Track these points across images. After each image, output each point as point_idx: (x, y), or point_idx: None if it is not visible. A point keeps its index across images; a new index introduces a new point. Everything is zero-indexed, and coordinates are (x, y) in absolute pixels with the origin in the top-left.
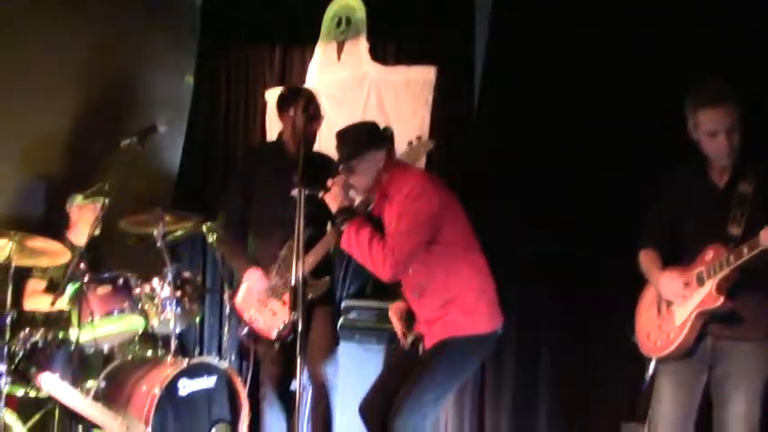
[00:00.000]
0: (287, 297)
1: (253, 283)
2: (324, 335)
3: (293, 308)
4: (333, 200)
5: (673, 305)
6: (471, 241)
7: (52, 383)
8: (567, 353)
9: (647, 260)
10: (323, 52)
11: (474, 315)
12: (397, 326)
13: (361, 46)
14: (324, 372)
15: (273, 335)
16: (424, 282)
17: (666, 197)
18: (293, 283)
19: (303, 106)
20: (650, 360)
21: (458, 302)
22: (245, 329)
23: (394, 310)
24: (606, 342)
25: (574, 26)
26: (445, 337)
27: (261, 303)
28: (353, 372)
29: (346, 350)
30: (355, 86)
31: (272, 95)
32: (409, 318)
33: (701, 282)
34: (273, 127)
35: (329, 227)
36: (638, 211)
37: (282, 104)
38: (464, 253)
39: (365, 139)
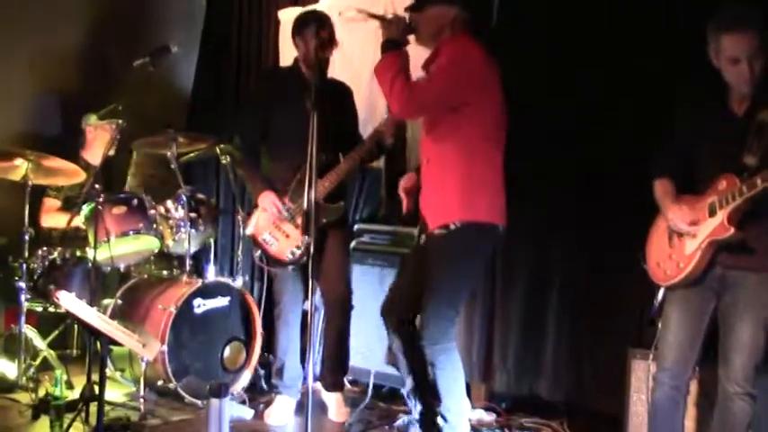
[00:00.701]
0: (300, 220)
1: (267, 205)
2: (336, 257)
3: (306, 231)
4: (387, 28)
5: (684, 235)
6: (495, 133)
7: (69, 301)
8: (577, 278)
9: (661, 190)
10: None
11: (473, 202)
12: (403, 197)
13: None
14: (336, 291)
15: (287, 257)
16: (437, 150)
17: (683, 124)
18: (306, 206)
19: (315, 31)
20: (659, 288)
21: (456, 184)
22: (259, 252)
23: (403, 181)
24: (616, 268)
25: None
26: (442, 227)
27: (274, 226)
28: (366, 294)
29: (359, 273)
30: (370, 6)
31: (286, 15)
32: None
33: (712, 212)
34: (286, 47)
35: (341, 158)
36: (653, 136)
37: (295, 29)
38: (483, 140)
39: None
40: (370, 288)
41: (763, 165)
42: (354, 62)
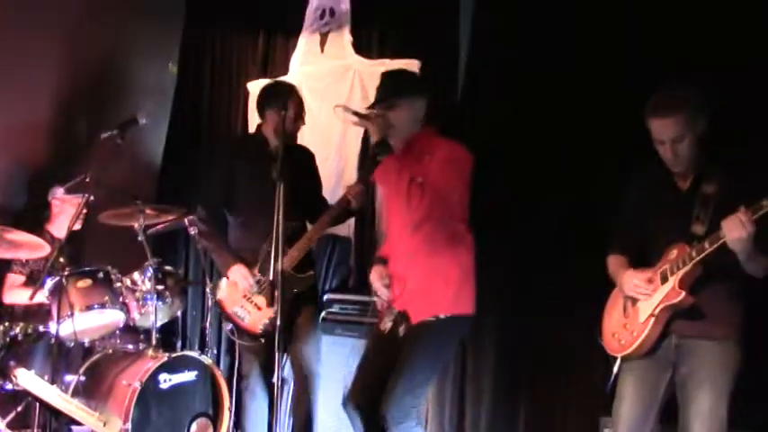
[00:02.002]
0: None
1: (239, 280)
2: (307, 333)
3: (271, 303)
4: (375, 131)
5: (638, 303)
6: (469, 221)
7: (28, 379)
8: (547, 346)
9: (614, 263)
10: (306, 43)
11: (461, 294)
12: (380, 289)
13: (344, 38)
14: (307, 368)
15: (259, 330)
16: (422, 246)
17: (631, 202)
18: (272, 276)
19: (286, 106)
20: (615, 359)
21: (448, 277)
22: (231, 325)
23: (376, 274)
24: (586, 337)
25: (557, 17)
26: (431, 317)
27: (245, 299)
28: (335, 365)
29: (328, 343)
30: (339, 79)
31: (255, 87)
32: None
33: (664, 279)
34: (255, 118)
35: (308, 226)
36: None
37: (264, 102)
38: (465, 230)
39: (414, 83)
40: (338, 359)
41: (712, 232)
42: (324, 127)
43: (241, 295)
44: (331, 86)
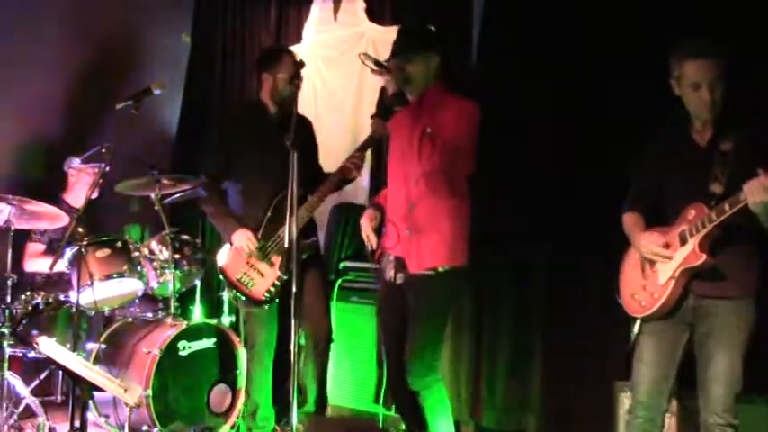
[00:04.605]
0: (274, 258)
1: (243, 243)
2: (317, 293)
3: (285, 270)
4: (392, 82)
5: (656, 264)
6: (470, 175)
7: (50, 346)
8: (564, 311)
9: (630, 223)
10: (319, 11)
11: (456, 246)
12: (369, 233)
13: (357, 5)
14: (323, 328)
15: (263, 297)
16: (425, 197)
17: (649, 159)
18: (287, 243)
19: (286, 68)
20: (635, 320)
21: (447, 229)
22: (234, 292)
23: (366, 218)
24: (603, 301)
25: None
26: (429, 269)
27: (248, 265)
28: (349, 332)
29: (343, 311)
30: (352, 46)
31: None
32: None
33: (683, 240)
34: None
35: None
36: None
37: (259, 67)
38: (464, 183)
39: (430, 39)
40: (353, 326)
41: (730, 191)
42: (338, 95)
43: (244, 262)
44: (345, 54)
